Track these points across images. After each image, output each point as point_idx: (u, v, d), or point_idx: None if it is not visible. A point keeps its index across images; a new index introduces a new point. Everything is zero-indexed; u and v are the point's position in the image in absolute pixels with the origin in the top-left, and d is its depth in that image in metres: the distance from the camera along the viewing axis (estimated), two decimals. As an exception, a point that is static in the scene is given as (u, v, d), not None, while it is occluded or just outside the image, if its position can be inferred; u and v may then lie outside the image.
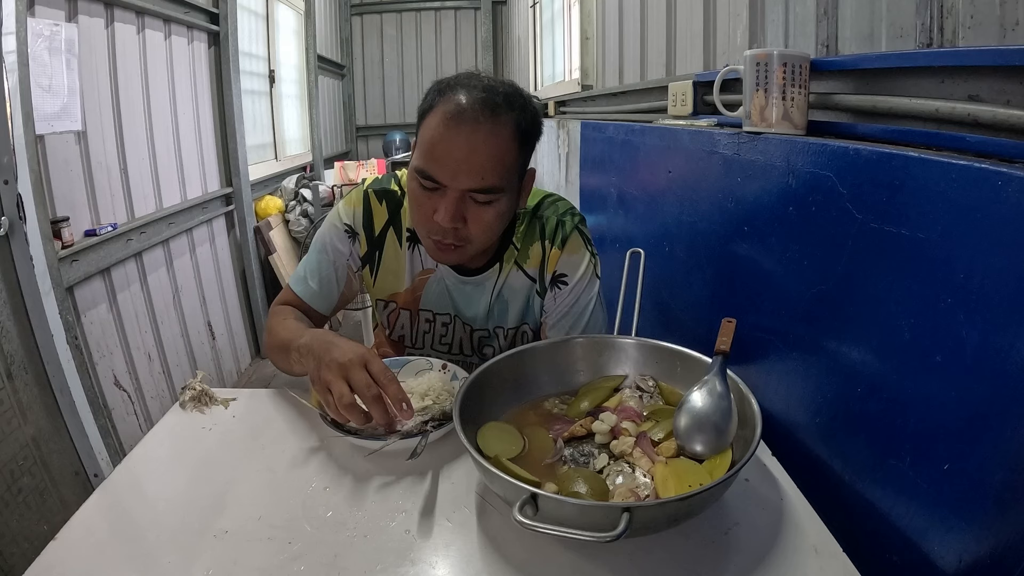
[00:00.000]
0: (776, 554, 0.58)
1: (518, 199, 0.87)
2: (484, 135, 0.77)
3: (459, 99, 0.77)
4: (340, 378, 0.70)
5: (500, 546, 0.60)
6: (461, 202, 0.79)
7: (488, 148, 0.77)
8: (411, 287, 0.98)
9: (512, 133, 0.79)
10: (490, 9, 5.61)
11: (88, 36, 1.83)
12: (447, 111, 0.77)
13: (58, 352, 1.55)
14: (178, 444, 0.79)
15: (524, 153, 0.83)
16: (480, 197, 0.79)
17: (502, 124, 0.78)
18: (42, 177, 1.58)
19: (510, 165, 0.80)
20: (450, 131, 0.77)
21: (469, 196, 0.79)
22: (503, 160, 0.79)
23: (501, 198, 0.81)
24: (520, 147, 0.81)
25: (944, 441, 0.58)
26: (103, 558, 0.59)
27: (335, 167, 4.00)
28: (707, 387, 0.68)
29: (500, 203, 0.81)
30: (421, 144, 0.80)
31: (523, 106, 0.81)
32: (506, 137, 0.79)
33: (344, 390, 0.69)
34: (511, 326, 0.98)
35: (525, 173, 0.87)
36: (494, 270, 0.95)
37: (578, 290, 0.94)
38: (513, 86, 0.83)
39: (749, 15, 1.16)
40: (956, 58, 0.65)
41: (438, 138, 0.77)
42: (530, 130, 0.83)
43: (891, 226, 0.63)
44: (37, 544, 0.87)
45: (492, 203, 0.81)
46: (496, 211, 0.82)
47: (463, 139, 0.76)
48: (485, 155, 0.77)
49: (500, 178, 0.79)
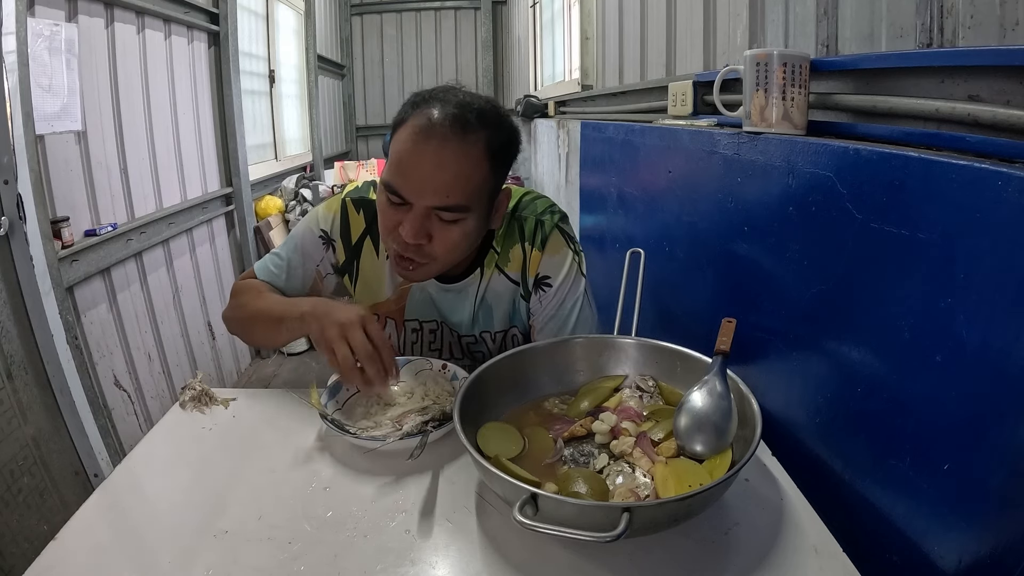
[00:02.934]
0: (776, 554, 0.58)
1: (488, 219, 0.85)
2: (452, 152, 0.75)
3: (431, 113, 0.76)
4: (341, 339, 0.73)
5: (500, 546, 0.60)
6: (426, 219, 0.77)
7: (455, 166, 0.76)
8: (394, 297, 0.96)
9: (482, 152, 0.77)
10: (490, 9, 5.60)
11: (88, 36, 1.83)
12: (417, 125, 0.76)
13: (58, 352, 1.55)
14: (178, 444, 0.79)
15: (496, 173, 0.81)
16: (445, 215, 0.78)
17: (471, 142, 0.76)
18: (42, 177, 1.58)
19: (478, 184, 0.78)
20: (418, 146, 0.75)
21: (434, 213, 0.78)
22: (471, 179, 0.77)
23: (467, 218, 0.79)
24: (491, 166, 0.79)
25: (944, 441, 0.58)
26: (103, 558, 0.59)
27: (335, 167, 4.01)
28: (707, 387, 0.68)
29: (466, 223, 0.80)
30: (391, 157, 0.79)
31: (497, 124, 0.79)
32: (475, 156, 0.77)
33: (346, 352, 0.72)
34: (498, 329, 0.98)
35: (498, 193, 0.85)
36: (475, 276, 0.93)
37: (563, 291, 0.92)
38: (490, 103, 0.81)
39: (749, 15, 1.16)
40: (956, 58, 0.65)
41: (406, 153, 0.76)
42: (503, 150, 0.81)
43: (891, 226, 0.63)
44: (37, 544, 0.87)
45: (458, 222, 0.79)
46: (462, 231, 0.80)
47: (430, 155, 0.75)
48: (452, 173, 0.76)
49: (467, 197, 0.77)
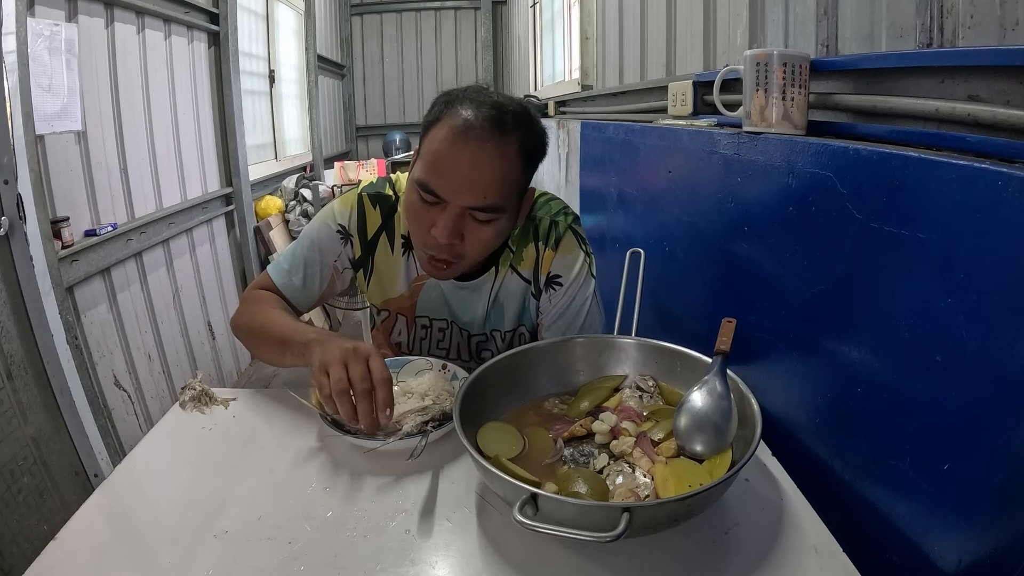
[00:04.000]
0: (776, 554, 0.58)
1: (517, 218, 0.87)
2: (490, 153, 0.76)
3: (467, 114, 0.76)
4: (340, 364, 0.71)
5: (500, 546, 0.60)
6: (460, 219, 0.78)
7: (493, 167, 0.77)
8: (407, 293, 0.97)
9: (517, 153, 0.78)
10: (490, 9, 5.61)
11: (88, 36, 1.83)
12: (454, 125, 0.76)
13: (58, 352, 1.55)
14: (178, 444, 0.79)
15: (527, 173, 0.83)
16: (480, 215, 0.79)
17: (508, 143, 0.77)
18: (42, 177, 1.58)
19: (513, 184, 0.80)
20: (456, 146, 0.76)
21: (469, 213, 0.79)
22: (507, 179, 0.78)
23: (501, 217, 0.81)
24: (524, 167, 0.81)
25: (944, 441, 0.58)
26: (103, 558, 0.59)
27: (335, 167, 4.00)
28: (707, 387, 0.68)
29: (499, 222, 0.81)
30: (425, 156, 0.79)
31: (530, 126, 0.81)
32: (511, 156, 0.78)
33: (341, 375, 0.70)
34: (508, 328, 0.98)
35: (526, 192, 0.87)
36: (490, 274, 0.94)
37: (573, 291, 0.94)
38: (522, 105, 0.82)
39: (749, 15, 1.16)
40: (956, 58, 0.65)
41: (443, 152, 0.76)
42: (535, 150, 0.82)
43: (891, 226, 0.63)
44: (37, 544, 0.87)
45: (491, 222, 0.80)
46: (495, 230, 0.81)
47: (469, 155, 0.75)
48: (490, 173, 0.77)
49: (502, 197, 0.79)
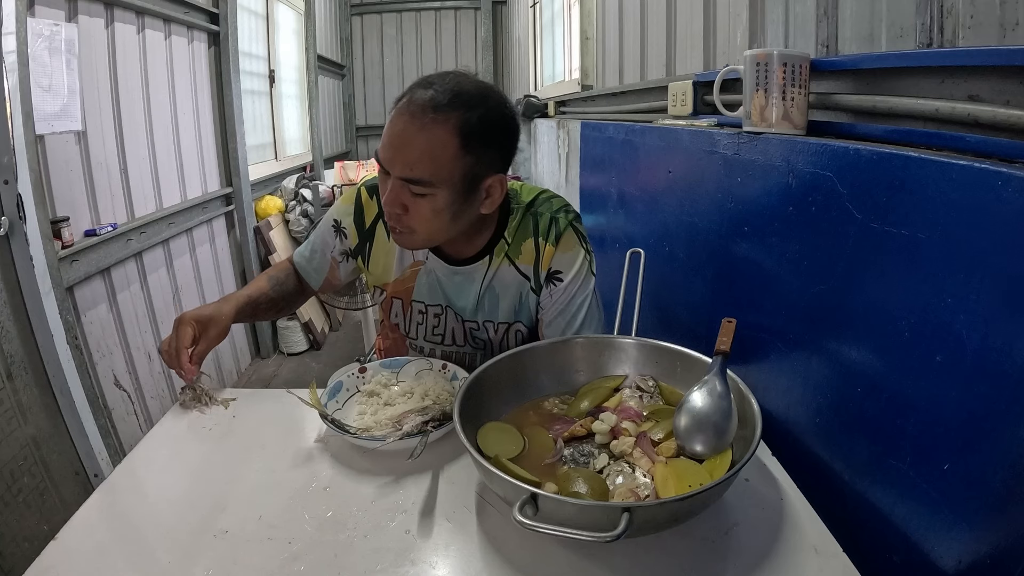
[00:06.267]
0: (776, 554, 0.58)
1: (470, 201, 0.86)
2: (417, 128, 0.80)
3: (412, 92, 0.82)
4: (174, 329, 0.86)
5: (500, 546, 0.60)
6: (400, 190, 0.82)
7: (420, 141, 0.80)
8: (401, 278, 1.01)
9: (451, 131, 0.79)
10: (490, 9, 5.60)
11: (88, 36, 1.83)
12: (398, 102, 0.83)
13: (58, 352, 1.55)
14: (178, 444, 0.80)
15: (473, 155, 0.82)
16: (414, 188, 0.82)
17: (439, 121, 0.79)
18: (42, 177, 1.58)
19: (445, 163, 0.80)
20: (393, 120, 0.82)
21: (405, 185, 0.82)
22: (435, 156, 0.80)
23: (436, 193, 0.82)
24: (464, 147, 0.80)
25: (944, 441, 0.58)
26: (103, 558, 0.59)
27: (335, 167, 3.99)
28: (707, 387, 0.68)
29: (436, 199, 0.82)
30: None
31: (475, 106, 0.81)
32: (441, 134, 0.79)
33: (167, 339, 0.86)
34: (501, 320, 0.99)
35: (484, 178, 0.85)
36: (483, 262, 0.96)
37: (573, 288, 0.94)
38: (480, 87, 0.84)
39: (749, 15, 1.16)
40: (956, 58, 0.65)
41: (387, 126, 0.83)
42: (478, 132, 0.81)
43: (891, 226, 0.63)
44: (37, 544, 0.87)
45: (426, 196, 0.82)
46: (431, 206, 0.83)
47: (400, 128, 0.81)
48: (416, 148, 0.80)
49: (430, 173, 0.80)
